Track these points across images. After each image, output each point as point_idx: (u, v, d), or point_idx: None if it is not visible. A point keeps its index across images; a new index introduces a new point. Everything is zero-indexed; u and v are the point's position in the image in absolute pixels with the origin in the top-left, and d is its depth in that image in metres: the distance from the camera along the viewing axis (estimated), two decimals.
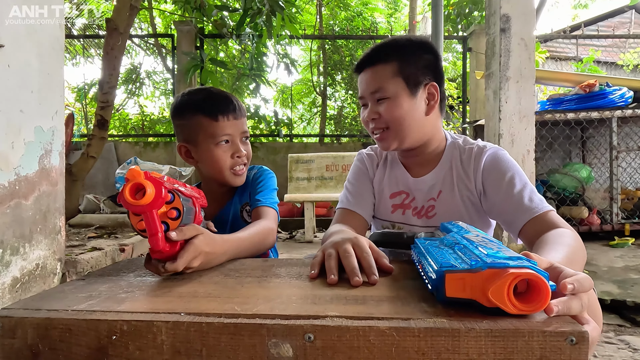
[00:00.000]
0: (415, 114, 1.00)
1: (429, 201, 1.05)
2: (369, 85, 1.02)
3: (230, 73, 5.76)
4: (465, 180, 1.02)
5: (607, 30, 7.31)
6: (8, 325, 0.48)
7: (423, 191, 1.06)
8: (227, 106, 1.07)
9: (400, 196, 1.09)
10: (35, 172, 1.84)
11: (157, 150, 5.29)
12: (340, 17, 8.39)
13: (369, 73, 1.02)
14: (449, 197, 1.03)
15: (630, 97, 3.24)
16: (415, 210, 1.06)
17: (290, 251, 3.36)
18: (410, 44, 1.02)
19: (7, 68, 1.70)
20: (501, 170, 0.97)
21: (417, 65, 1.00)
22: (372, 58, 1.02)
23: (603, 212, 3.37)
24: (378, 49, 1.03)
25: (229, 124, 1.06)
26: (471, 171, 1.01)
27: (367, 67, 1.03)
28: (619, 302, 1.86)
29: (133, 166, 0.62)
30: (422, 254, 0.61)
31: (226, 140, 1.07)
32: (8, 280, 1.69)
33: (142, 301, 0.54)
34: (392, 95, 0.99)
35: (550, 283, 0.46)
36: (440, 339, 0.44)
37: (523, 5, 2.48)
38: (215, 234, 0.75)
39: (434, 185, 1.05)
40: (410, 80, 0.99)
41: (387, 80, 0.99)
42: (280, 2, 3.32)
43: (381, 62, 1.01)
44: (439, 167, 1.06)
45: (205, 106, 1.06)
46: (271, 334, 0.45)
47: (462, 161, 1.04)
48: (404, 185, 1.09)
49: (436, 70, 1.03)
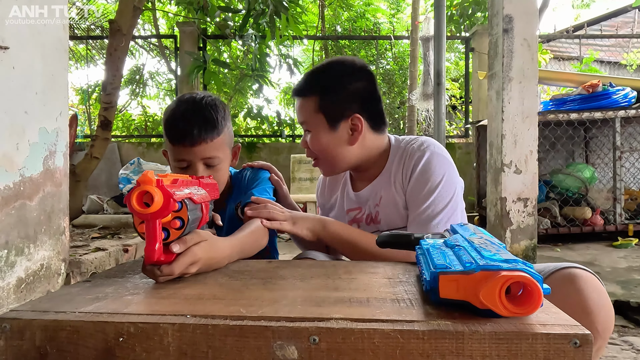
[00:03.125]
0: (338, 145, 1.04)
1: (375, 207, 1.09)
2: (298, 115, 1.09)
3: (233, 74, 5.77)
4: (402, 176, 1.05)
5: (611, 29, 7.28)
6: (16, 327, 0.48)
7: (368, 201, 1.11)
8: (185, 131, 1.00)
9: (354, 212, 1.15)
10: (40, 173, 1.85)
11: (160, 151, 5.30)
12: (343, 18, 8.39)
13: (298, 103, 1.08)
14: (390, 200, 1.06)
15: (633, 97, 3.23)
16: (368, 218, 1.11)
17: (293, 251, 3.36)
18: (334, 75, 1.04)
19: (12, 70, 1.71)
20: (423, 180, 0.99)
21: (338, 102, 1.02)
22: (299, 90, 1.07)
23: (606, 213, 3.35)
24: (305, 81, 1.07)
25: (184, 150, 1.01)
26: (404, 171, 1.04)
27: (296, 96, 1.08)
28: (622, 302, 1.86)
29: (145, 168, 0.61)
30: (422, 255, 0.62)
31: (186, 165, 1.03)
32: (13, 280, 1.70)
33: (148, 303, 0.55)
34: (313, 129, 1.04)
35: (544, 286, 0.47)
36: (445, 341, 0.45)
37: (526, 6, 2.47)
38: (217, 237, 0.75)
39: (377, 192, 1.09)
40: (330, 115, 1.02)
41: (309, 115, 1.04)
42: (284, 2, 3.32)
43: (304, 95, 1.06)
44: (381, 175, 1.09)
45: (166, 128, 1.04)
46: (276, 336, 0.46)
47: (402, 160, 1.06)
48: (354, 202, 1.15)
49: (364, 98, 1.04)
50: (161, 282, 0.65)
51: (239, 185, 1.21)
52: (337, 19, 8.41)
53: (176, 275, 0.64)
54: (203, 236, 0.69)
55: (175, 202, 0.61)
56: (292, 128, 5.76)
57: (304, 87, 1.06)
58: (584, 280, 0.75)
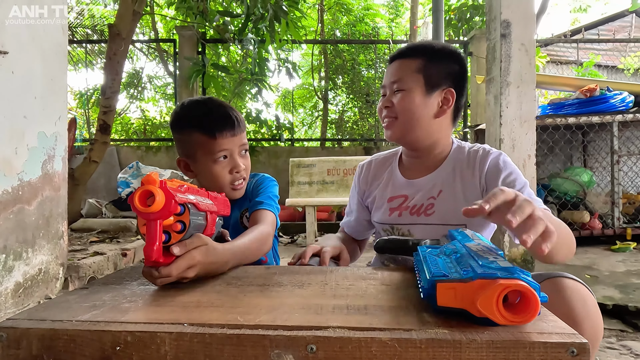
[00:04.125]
0: (425, 112, 1.04)
1: (429, 200, 1.07)
2: (392, 75, 1.07)
3: (232, 78, 5.78)
4: (470, 179, 1.05)
5: (608, 34, 7.32)
6: (13, 336, 0.48)
7: (422, 191, 1.09)
8: (225, 122, 1.05)
9: (398, 199, 1.12)
10: (39, 177, 1.84)
11: (159, 155, 5.30)
12: (342, 22, 8.43)
13: (396, 64, 1.08)
14: (450, 197, 1.05)
15: (631, 101, 3.24)
16: (414, 209, 1.09)
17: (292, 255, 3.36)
18: (441, 49, 1.08)
19: (11, 74, 1.72)
20: (503, 171, 1.01)
21: (440, 69, 1.04)
22: (403, 52, 1.08)
23: (604, 217, 3.36)
24: (411, 46, 1.10)
25: (226, 140, 1.05)
26: (477, 171, 1.04)
27: (397, 59, 1.08)
28: (620, 307, 1.86)
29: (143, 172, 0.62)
30: (420, 262, 0.62)
31: (224, 156, 1.06)
32: (11, 285, 1.70)
33: (145, 311, 0.55)
34: (408, 88, 1.03)
35: (541, 294, 0.47)
36: (442, 350, 0.45)
37: (523, 11, 2.49)
38: (218, 243, 0.75)
39: (435, 185, 1.07)
40: (430, 80, 1.03)
41: (408, 74, 1.04)
42: (283, 7, 3.33)
43: (409, 56, 1.06)
44: (441, 168, 1.09)
45: (203, 123, 1.04)
46: (274, 345, 0.46)
47: (467, 163, 1.07)
48: (402, 188, 1.12)
49: (458, 81, 1.07)
50: (159, 284, 0.64)
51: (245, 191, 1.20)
52: (336, 24, 8.44)
53: (174, 277, 0.64)
54: (203, 240, 0.69)
55: (177, 205, 0.61)
56: (290, 132, 5.77)
57: (409, 50, 1.08)
58: (570, 290, 0.75)
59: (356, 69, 7.69)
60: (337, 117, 8.31)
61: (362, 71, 7.79)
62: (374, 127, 7.02)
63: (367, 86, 7.64)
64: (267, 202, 1.11)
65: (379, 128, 7.20)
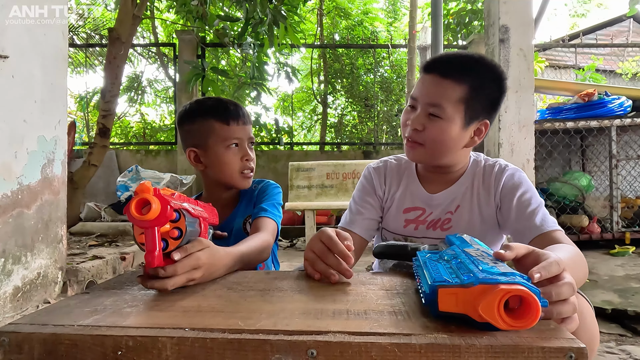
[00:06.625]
0: (457, 143, 0.98)
1: (447, 214, 1.06)
2: (429, 95, 0.95)
3: (231, 81, 5.80)
4: (485, 195, 1.04)
5: (606, 38, 7.36)
6: (15, 340, 0.48)
7: (441, 206, 1.07)
8: (237, 112, 1.13)
9: (415, 212, 1.08)
10: (38, 181, 1.85)
11: (159, 158, 5.31)
12: (341, 26, 8.46)
13: (437, 83, 0.95)
14: (467, 212, 1.04)
15: (629, 106, 3.26)
16: (431, 223, 1.07)
17: (291, 259, 3.36)
18: (488, 71, 0.97)
19: (12, 79, 1.72)
20: (519, 188, 1.00)
21: (483, 99, 0.96)
22: (448, 70, 0.94)
23: (603, 221, 3.37)
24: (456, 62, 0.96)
25: (238, 128, 1.12)
26: (492, 187, 1.04)
27: (438, 74, 0.95)
28: (620, 311, 1.86)
29: (143, 179, 0.63)
30: (420, 268, 0.62)
31: (236, 143, 1.13)
32: (10, 289, 1.70)
33: (146, 316, 0.55)
34: (447, 118, 0.94)
35: (542, 299, 0.47)
36: (441, 354, 0.45)
37: (522, 16, 2.51)
38: (218, 246, 0.76)
39: (453, 200, 1.06)
40: (470, 112, 0.95)
41: (450, 103, 0.93)
42: (282, 11, 3.35)
43: (454, 78, 0.94)
44: (459, 183, 1.07)
45: (218, 111, 1.12)
46: (274, 350, 0.46)
47: (483, 178, 1.06)
48: (421, 201, 1.09)
49: (495, 107, 1.00)
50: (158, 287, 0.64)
51: (250, 197, 1.21)
52: (335, 28, 8.48)
53: (179, 275, 0.64)
54: (204, 244, 0.70)
55: (173, 210, 0.62)
56: (290, 135, 5.78)
57: (456, 69, 0.94)
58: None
59: (355, 72, 7.72)
60: (336, 120, 8.34)
61: (361, 75, 7.82)
62: (373, 131, 7.03)
63: (366, 90, 7.67)
64: (270, 210, 1.12)
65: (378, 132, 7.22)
